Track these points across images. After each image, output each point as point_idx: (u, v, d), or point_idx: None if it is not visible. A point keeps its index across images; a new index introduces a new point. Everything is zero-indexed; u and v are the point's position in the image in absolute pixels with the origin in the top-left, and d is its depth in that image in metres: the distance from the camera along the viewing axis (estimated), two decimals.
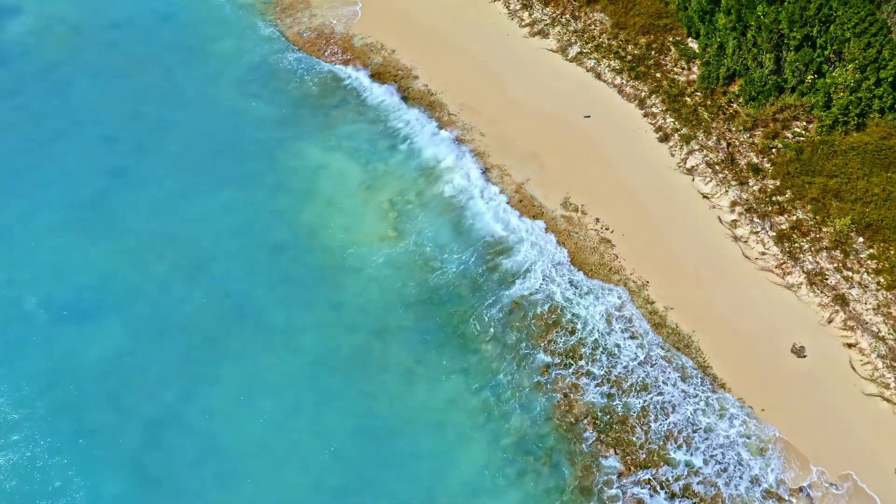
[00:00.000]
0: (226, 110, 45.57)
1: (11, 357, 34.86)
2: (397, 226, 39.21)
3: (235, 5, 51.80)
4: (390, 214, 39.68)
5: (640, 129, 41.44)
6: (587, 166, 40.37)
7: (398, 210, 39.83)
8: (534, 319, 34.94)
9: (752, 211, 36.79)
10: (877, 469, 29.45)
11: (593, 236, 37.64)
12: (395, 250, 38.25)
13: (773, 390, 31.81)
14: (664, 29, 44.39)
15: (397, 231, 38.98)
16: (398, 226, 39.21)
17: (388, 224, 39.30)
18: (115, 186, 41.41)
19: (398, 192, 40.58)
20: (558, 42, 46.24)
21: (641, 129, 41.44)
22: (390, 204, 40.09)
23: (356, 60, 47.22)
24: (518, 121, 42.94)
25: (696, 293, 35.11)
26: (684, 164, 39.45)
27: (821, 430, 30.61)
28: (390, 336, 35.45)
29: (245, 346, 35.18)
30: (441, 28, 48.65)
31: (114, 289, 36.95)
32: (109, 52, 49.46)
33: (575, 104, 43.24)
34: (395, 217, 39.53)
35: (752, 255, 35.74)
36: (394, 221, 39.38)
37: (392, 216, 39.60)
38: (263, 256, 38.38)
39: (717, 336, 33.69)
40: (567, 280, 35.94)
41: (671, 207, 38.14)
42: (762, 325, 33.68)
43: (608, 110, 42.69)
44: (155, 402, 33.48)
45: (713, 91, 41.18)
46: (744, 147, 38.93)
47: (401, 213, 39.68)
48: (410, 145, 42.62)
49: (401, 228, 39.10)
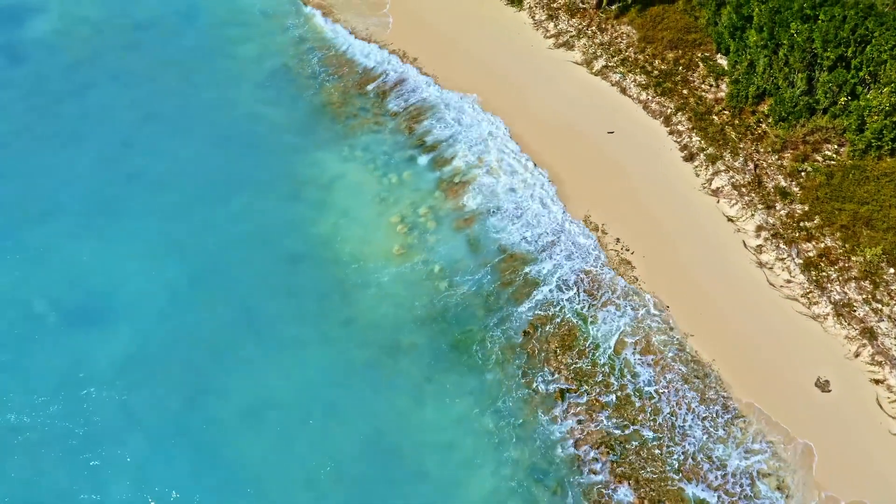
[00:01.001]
0: (244, 115, 45.18)
1: (17, 359, 34.66)
2: (413, 240, 38.53)
3: (261, 11, 51.34)
4: (406, 228, 39.00)
5: (664, 147, 40.39)
6: (608, 183, 39.41)
7: (414, 224, 39.13)
8: (549, 342, 34.09)
9: (779, 236, 35.62)
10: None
11: (613, 257, 36.67)
12: (410, 265, 37.57)
13: (794, 425, 30.67)
14: (693, 44, 43.28)
15: (412, 246, 38.29)
16: (414, 240, 38.53)
17: (403, 238, 38.62)
18: (129, 190, 41.11)
19: (414, 206, 39.89)
20: (583, 54, 45.30)
21: (666, 147, 40.39)
22: (405, 217, 39.41)
23: (375, 69, 46.60)
24: (539, 134, 42.07)
25: (718, 320, 34.04)
26: (709, 185, 38.35)
27: (844, 469, 29.45)
28: (401, 353, 34.77)
29: (254, 357, 34.69)
30: (464, 37, 47.91)
31: (123, 294, 36.62)
32: (131, 54, 49.29)
33: (598, 119, 42.29)
34: (410, 231, 38.85)
35: (778, 283, 34.59)
36: (409, 236, 38.70)
37: (407, 230, 38.92)
38: (276, 267, 37.87)
39: (737, 366, 32.60)
40: (587, 305, 35.02)
41: (694, 230, 37.06)
42: (785, 357, 32.54)
43: (632, 126, 41.69)
44: (160, 411, 33.09)
45: (742, 110, 40.03)
46: (772, 169, 37.75)
47: (416, 228, 38.98)
48: (429, 157, 41.98)
49: (416, 243, 38.42)
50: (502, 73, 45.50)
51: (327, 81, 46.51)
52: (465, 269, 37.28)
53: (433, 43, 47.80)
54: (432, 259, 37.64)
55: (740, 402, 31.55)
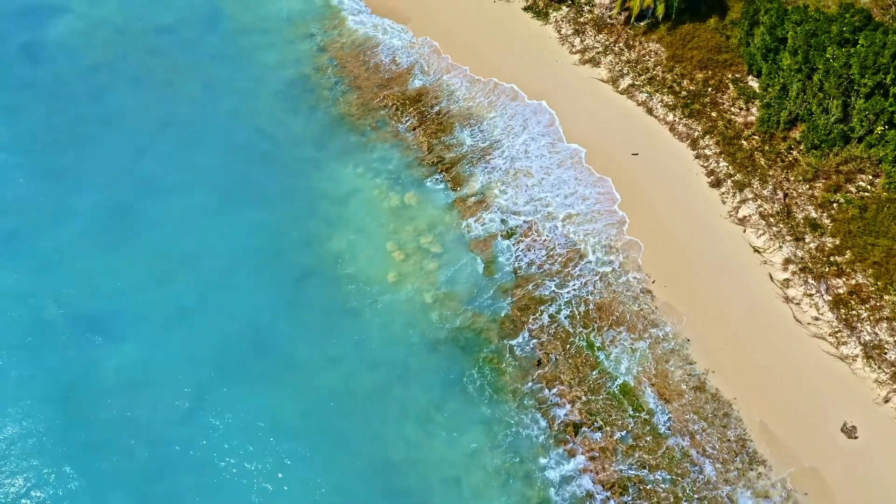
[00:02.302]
0: (261, 124, 44.51)
1: (21, 365, 34.38)
2: (427, 261, 37.62)
3: (285, 18, 50.60)
4: (419, 249, 38.10)
5: (690, 172, 39.07)
6: (631, 208, 38.15)
7: (428, 244, 38.21)
8: (563, 372, 33.03)
9: (807, 271, 34.21)
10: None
11: (633, 284, 35.50)
12: (424, 286, 36.68)
13: (818, 472, 29.34)
14: (723, 65, 41.87)
15: (425, 267, 37.37)
16: (428, 261, 37.61)
17: (419, 258, 37.72)
18: (142, 197, 40.62)
19: (430, 225, 38.98)
20: (609, 72, 44.06)
21: (692, 171, 39.07)
22: (420, 236, 38.52)
23: (395, 81, 45.70)
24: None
25: (740, 357, 32.74)
26: (736, 214, 36.98)
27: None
28: (412, 378, 33.91)
29: (261, 376, 34.05)
30: (487, 48, 46.78)
31: (132, 305, 36.15)
32: (151, 58, 48.81)
33: (622, 139, 41.05)
34: (425, 252, 37.94)
35: (804, 320, 33.19)
36: (423, 256, 37.79)
37: (421, 251, 38.01)
38: (287, 283, 37.18)
39: (760, 406, 31.32)
40: (603, 335, 33.89)
41: (718, 259, 35.75)
42: (811, 399, 31.19)
43: (657, 148, 40.41)
44: (164, 427, 32.63)
45: (772, 136, 38.61)
46: (802, 199, 36.32)
47: (431, 248, 38.05)
48: (446, 175, 41.07)
49: (431, 264, 37.51)
50: (526, 88, 44.31)
51: (347, 92, 45.67)
52: (479, 292, 36.28)
53: (455, 54, 46.76)
54: (446, 281, 36.70)
55: (761, 444, 30.27)
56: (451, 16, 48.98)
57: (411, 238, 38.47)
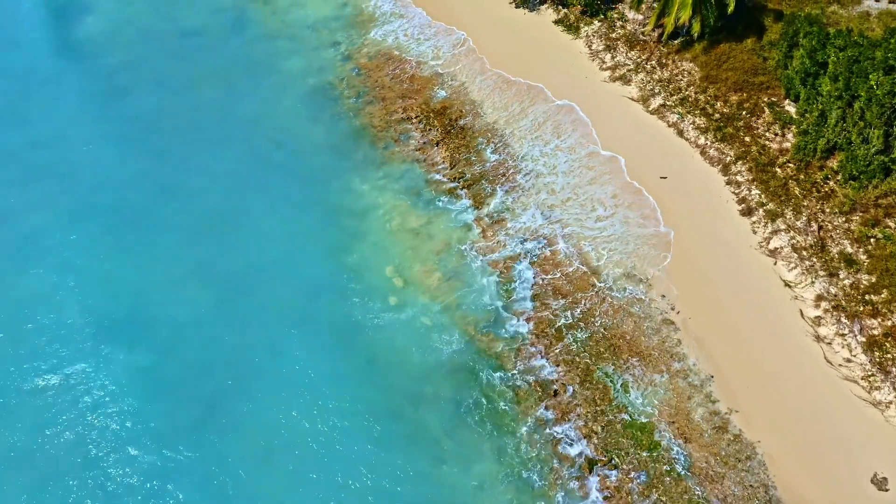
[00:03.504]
0: (283, 132, 44.00)
1: (32, 368, 34.30)
2: (446, 280, 36.66)
3: (311, 25, 49.95)
4: (436, 266, 37.17)
5: (720, 199, 37.64)
6: (657, 235, 36.86)
7: (445, 263, 37.27)
8: (580, 404, 31.87)
9: (841, 309, 32.67)
10: None
11: (656, 315, 34.21)
12: (441, 307, 35.73)
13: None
14: (759, 87, 40.36)
15: (445, 285, 36.42)
16: (447, 280, 36.65)
17: (437, 277, 36.77)
18: (159, 203, 40.37)
19: (451, 242, 38.03)
20: (640, 90, 42.75)
21: (722, 198, 37.64)
22: (438, 255, 37.58)
23: (419, 92, 44.82)
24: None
25: (766, 397, 31.31)
26: (767, 245, 35.51)
27: None
28: (425, 403, 32.95)
29: (270, 394, 33.33)
30: (514, 61, 45.76)
31: (143, 314, 35.81)
32: (176, 61, 48.66)
33: (651, 161, 39.74)
34: (441, 269, 37.00)
35: (836, 361, 31.67)
36: (440, 274, 36.85)
37: (438, 268, 37.08)
38: (301, 296, 36.48)
39: (785, 450, 29.86)
40: (622, 367, 32.68)
41: (747, 292, 34.31)
42: (840, 445, 29.67)
43: (687, 172, 39.02)
44: (168, 443, 32.09)
45: (808, 164, 37.06)
46: (837, 233, 34.75)
47: (447, 267, 37.12)
48: (469, 192, 40.11)
49: (450, 283, 36.55)
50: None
51: (370, 103, 44.90)
52: (495, 316, 35.26)
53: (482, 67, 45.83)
54: (462, 303, 35.71)
55: (785, 492, 28.84)
56: (477, 26, 48.02)
57: (429, 256, 37.55)
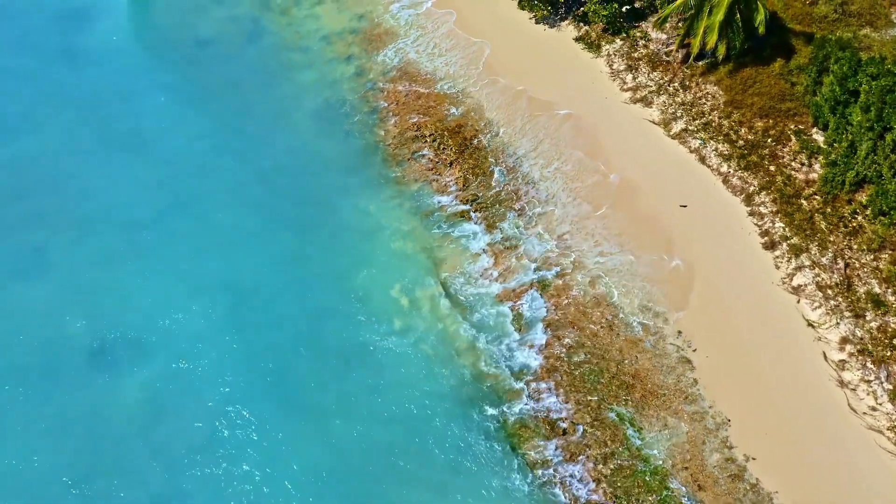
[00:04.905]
0: (294, 147, 43.06)
1: (37, 387, 33.88)
2: (454, 307, 35.58)
3: (325, 37, 48.86)
4: (446, 292, 36.09)
5: (742, 230, 36.23)
6: (676, 267, 35.53)
7: (457, 288, 36.19)
8: (590, 446, 30.67)
9: (867, 353, 31.20)
10: None
11: (671, 353, 32.92)
12: (447, 336, 34.69)
13: None
14: (786, 114, 38.86)
15: (453, 315, 35.33)
16: (455, 307, 35.57)
17: (448, 303, 35.68)
18: (168, 217, 39.64)
19: (459, 269, 36.94)
20: (662, 113, 41.37)
21: (744, 230, 36.22)
22: (447, 280, 36.51)
23: (434, 109, 43.72)
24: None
25: (785, 444, 29.96)
26: (790, 281, 34.08)
27: None
28: (429, 436, 31.97)
29: (272, 422, 32.56)
30: (533, 78, 44.48)
31: (149, 334, 35.15)
32: (189, 70, 47.90)
33: (671, 189, 38.37)
34: (450, 296, 35.91)
35: (860, 409, 30.23)
36: (449, 300, 35.76)
37: (448, 294, 36.00)
38: (306, 321, 35.63)
39: (804, 502, 28.51)
40: (635, 408, 31.44)
41: (767, 331, 32.92)
42: (862, 500, 28.26)
43: (708, 201, 37.61)
44: (170, 471, 31.45)
45: (836, 197, 35.55)
46: (865, 271, 33.26)
47: (459, 292, 36.02)
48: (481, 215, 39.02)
49: (457, 310, 35.47)
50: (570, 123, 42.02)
51: (384, 119, 43.87)
52: (505, 348, 34.15)
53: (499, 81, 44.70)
54: (471, 332, 34.63)
55: None
56: (496, 41, 46.82)
57: (438, 282, 36.48)
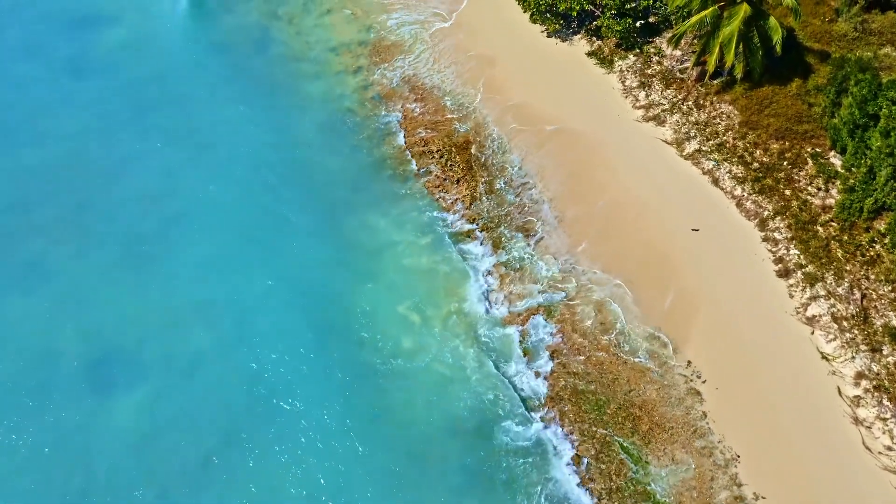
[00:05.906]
0: (299, 161, 42.36)
1: (31, 407, 33.28)
2: (459, 331, 34.86)
3: (334, 49, 48.13)
4: (453, 315, 35.39)
5: (755, 257, 35.32)
6: (684, 292, 34.67)
7: (463, 312, 35.45)
8: (594, 479, 29.90)
9: (883, 390, 30.25)
10: None
11: (680, 384, 32.08)
12: (452, 359, 33.97)
13: None
14: (802, 136, 37.89)
15: (458, 337, 34.63)
16: (460, 331, 34.86)
17: (455, 326, 34.98)
18: (168, 232, 38.91)
19: (464, 291, 36.17)
20: (675, 133, 40.46)
21: (758, 256, 35.31)
22: (452, 302, 35.78)
23: (442, 124, 42.97)
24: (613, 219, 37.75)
25: (796, 482, 29.08)
26: (804, 312, 33.14)
27: None
28: (430, 465, 31.30)
29: (272, 447, 31.94)
30: (543, 94, 43.64)
31: (144, 356, 34.47)
32: (196, 78, 47.26)
33: (682, 211, 37.49)
34: (458, 320, 35.20)
35: (875, 448, 29.30)
36: (456, 325, 35.06)
37: (455, 318, 35.29)
38: (309, 342, 34.92)
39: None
40: (641, 443, 30.62)
41: (780, 364, 32.01)
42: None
43: (721, 225, 36.71)
44: (164, 498, 30.88)
45: (853, 224, 34.57)
46: (882, 303, 32.29)
47: (465, 317, 35.29)
48: (487, 235, 38.27)
49: (463, 335, 34.76)
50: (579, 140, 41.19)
51: (391, 133, 43.17)
52: (510, 373, 33.43)
53: (510, 99, 43.90)
54: (476, 356, 33.90)
55: None
56: (506, 55, 46.04)
57: (442, 304, 35.80)
